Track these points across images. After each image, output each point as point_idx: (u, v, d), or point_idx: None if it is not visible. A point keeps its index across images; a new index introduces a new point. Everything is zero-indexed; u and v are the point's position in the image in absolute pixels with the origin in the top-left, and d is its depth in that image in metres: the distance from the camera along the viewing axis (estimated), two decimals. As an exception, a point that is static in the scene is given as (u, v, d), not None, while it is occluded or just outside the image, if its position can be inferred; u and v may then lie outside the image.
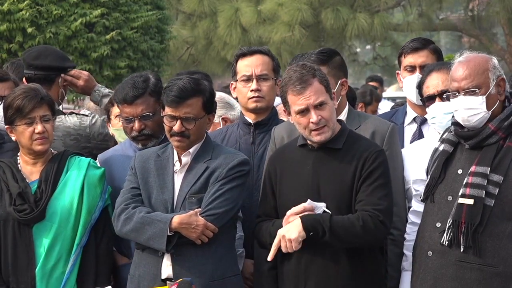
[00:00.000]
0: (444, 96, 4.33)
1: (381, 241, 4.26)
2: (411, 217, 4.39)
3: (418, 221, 4.28)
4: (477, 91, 4.04)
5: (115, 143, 5.25)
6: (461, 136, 4.12)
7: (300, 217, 4.07)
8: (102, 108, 5.48)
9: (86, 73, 5.48)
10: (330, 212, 4.09)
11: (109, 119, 5.25)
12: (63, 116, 5.26)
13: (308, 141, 4.27)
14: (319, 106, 4.15)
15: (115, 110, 5.20)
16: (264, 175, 4.46)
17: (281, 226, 4.15)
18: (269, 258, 4.15)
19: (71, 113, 5.36)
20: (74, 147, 5.11)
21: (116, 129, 5.39)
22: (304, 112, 4.16)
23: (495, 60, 4.12)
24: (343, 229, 4.05)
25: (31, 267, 4.44)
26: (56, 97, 5.33)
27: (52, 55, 5.39)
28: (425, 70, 4.89)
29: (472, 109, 4.05)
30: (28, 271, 4.44)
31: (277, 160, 4.36)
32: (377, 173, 4.14)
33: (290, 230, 4.06)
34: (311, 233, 4.05)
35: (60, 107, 5.49)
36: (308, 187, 4.17)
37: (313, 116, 4.14)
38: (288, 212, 4.13)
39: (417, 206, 4.36)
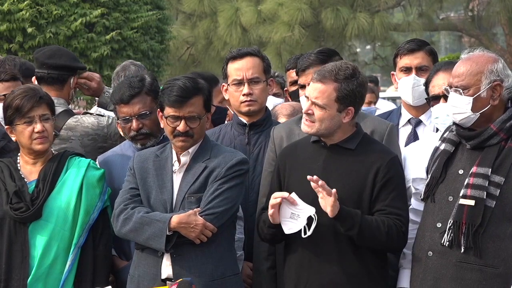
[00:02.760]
0: (442, 89, 4.31)
1: (399, 250, 4.28)
2: (410, 215, 4.37)
3: (417, 219, 4.27)
4: (461, 91, 4.02)
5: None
6: (462, 136, 4.11)
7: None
8: (109, 110, 5.48)
9: (97, 75, 5.50)
10: (316, 218, 4.07)
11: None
12: (79, 116, 5.27)
13: (322, 138, 4.27)
14: (315, 104, 4.16)
15: None
16: (273, 170, 4.44)
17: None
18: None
19: (85, 113, 5.37)
20: (91, 147, 5.13)
21: None
22: (307, 99, 4.23)
23: (497, 64, 4.05)
24: (369, 230, 4.06)
25: (25, 266, 4.43)
26: (67, 97, 5.34)
27: (66, 55, 5.40)
28: (433, 68, 4.88)
29: (456, 107, 4.04)
30: (22, 269, 4.43)
31: (288, 155, 4.36)
32: (395, 183, 4.16)
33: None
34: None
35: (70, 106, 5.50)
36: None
37: (306, 106, 4.23)
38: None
39: (416, 204, 4.35)
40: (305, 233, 4.08)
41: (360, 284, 4.15)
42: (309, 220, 4.08)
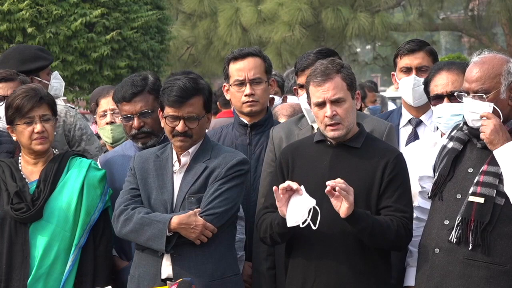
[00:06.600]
0: (455, 95, 4.29)
1: (404, 249, 4.29)
2: (416, 213, 4.36)
3: (423, 217, 4.27)
4: (484, 96, 4.00)
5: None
6: (474, 135, 4.10)
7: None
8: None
9: None
10: (318, 210, 4.03)
11: (95, 120, 5.30)
12: None
13: (327, 138, 4.27)
14: (336, 102, 4.16)
15: (101, 108, 5.35)
16: (275, 167, 4.42)
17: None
18: None
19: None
20: (60, 134, 5.16)
21: (101, 128, 5.44)
22: (321, 105, 4.18)
23: (510, 64, 4.03)
24: (380, 231, 4.05)
25: (25, 266, 4.44)
26: None
27: (13, 66, 5.41)
28: (434, 67, 4.85)
29: (476, 113, 4.02)
30: (22, 269, 4.43)
31: (291, 154, 4.34)
32: (401, 179, 4.17)
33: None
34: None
35: None
36: (324, 182, 4.12)
37: (328, 110, 4.15)
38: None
39: (422, 202, 4.34)
40: (314, 226, 4.03)
41: (368, 284, 4.15)
42: (314, 214, 4.03)
